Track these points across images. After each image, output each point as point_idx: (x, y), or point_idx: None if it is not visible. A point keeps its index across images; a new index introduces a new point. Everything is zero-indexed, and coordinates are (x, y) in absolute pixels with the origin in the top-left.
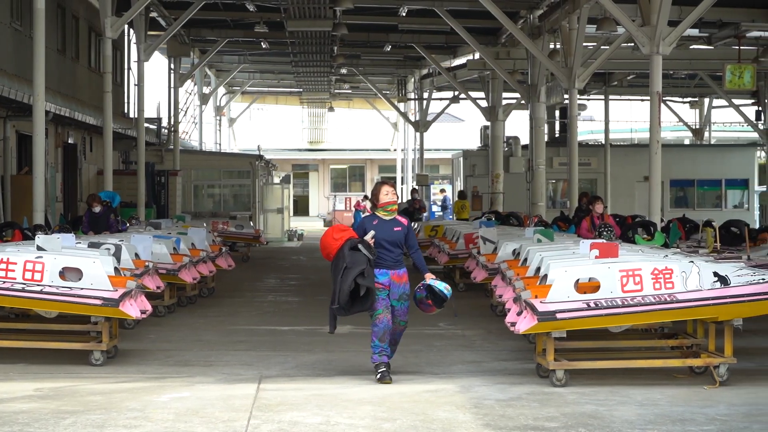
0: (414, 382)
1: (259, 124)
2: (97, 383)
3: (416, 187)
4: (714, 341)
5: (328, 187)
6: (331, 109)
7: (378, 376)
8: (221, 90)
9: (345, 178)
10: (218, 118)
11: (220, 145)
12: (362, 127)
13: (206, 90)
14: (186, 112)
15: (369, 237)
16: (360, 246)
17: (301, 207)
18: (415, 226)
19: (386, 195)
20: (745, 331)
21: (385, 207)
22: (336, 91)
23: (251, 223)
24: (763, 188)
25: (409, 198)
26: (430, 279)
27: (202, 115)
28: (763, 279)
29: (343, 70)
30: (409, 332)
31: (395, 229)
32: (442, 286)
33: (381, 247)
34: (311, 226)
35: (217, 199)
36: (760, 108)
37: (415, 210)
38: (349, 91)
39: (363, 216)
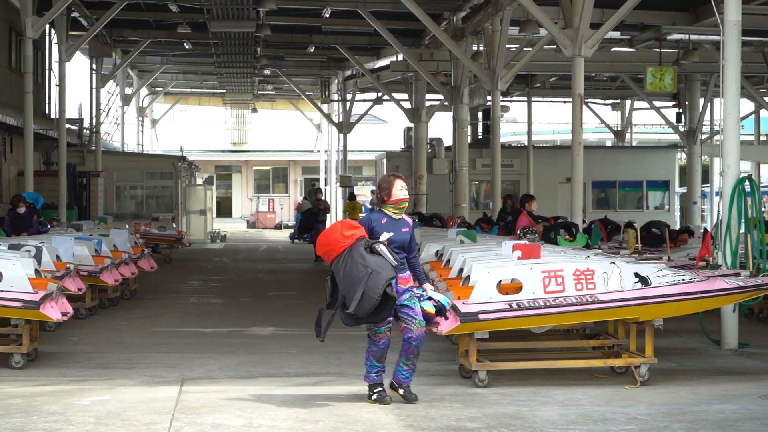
0: (336, 383)
1: (182, 125)
2: (17, 386)
3: (320, 187)
4: (635, 341)
5: (252, 188)
6: (254, 110)
7: (375, 396)
8: (144, 91)
9: (268, 179)
10: (141, 119)
11: (142, 146)
12: (286, 129)
13: (129, 91)
14: (108, 113)
15: (385, 238)
16: (381, 248)
17: (224, 208)
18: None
19: (400, 190)
20: (666, 331)
21: (398, 204)
22: (259, 92)
23: (174, 225)
24: (684, 190)
25: (313, 198)
26: (430, 291)
27: (125, 116)
28: (683, 279)
29: (267, 71)
30: (332, 334)
31: (404, 229)
32: (443, 299)
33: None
34: (234, 227)
35: (140, 200)
36: (681, 110)
37: (320, 211)
38: (273, 93)
39: (369, 212)
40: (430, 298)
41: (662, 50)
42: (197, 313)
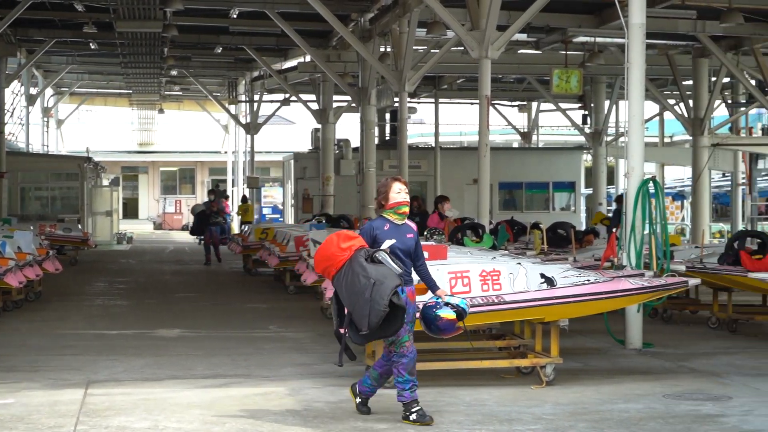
0: (243, 385)
1: (88, 125)
2: None
3: (214, 189)
4: (541, 342)
5: (158, 189)
6: (161, 110)
7: (414, 416)
8: (49, 91)
9: (175, 180)
10: (46, 119)
11: (47, 147)
12: (193, 129)
13: (33, 91)
14: (12, 113)
15: (387, 246)
16: (382, 256)
17: (131, 210)
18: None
19: (398, 193)
20: (571, 331)
21: (397, 208)
22: (166, 92)
23: (79, 226)
24: (590, 191)
25: (206, 200)
26: (445, 297)
27: (29, 117)
28: (589, 280)
29: (174, 72)
30: (239, 335)
31: (408, 236)
32: (462, 302)
33: (395, 257)
34: (141, 228)
35: (45, 201)
36: (586, 112)
37: (213, 213)
38: (180, 93)
39: (372, 220)
40: (447, 304)
41: (568, 52)
42: (103, 315)
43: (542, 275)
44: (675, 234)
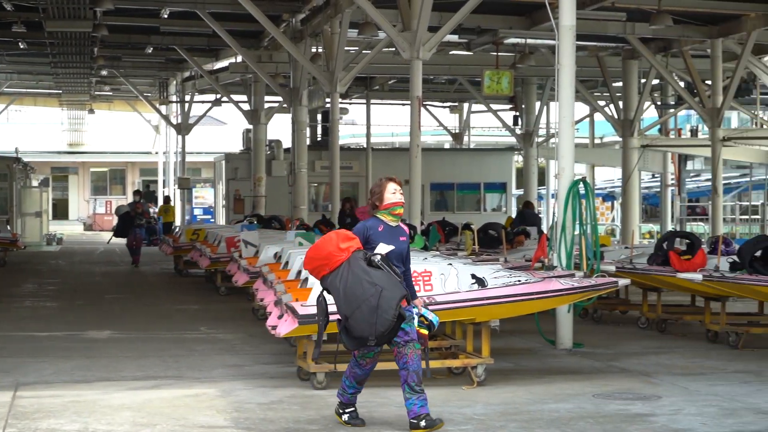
0: (174, 386)
1: (17, 125)
2: None
3: (140, 189)
4: (472, 342)
5: (89, 190)
6: (91, 111)
7: (347, 417)
8: None
9: (106, 181)
10: None
11: None
12: (123, 130)
13: None
14: None
15: (385, 250)
16: (380, 261)
17: (61, 210)
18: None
19: (394, 194)
20: (502, 332)
21: (392, 209)
22: (96, 92)
23: (8, 227)
24: (521, 192)
25: (131, 201)
26: (422, 308)
27: None
28: (519, 281)
29: (104, 72)
30: (169, 337)
31: (401, 239)
32: (434, 317)
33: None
34: (71, 229)
35: None
36: (518, 113)
37: (137, 215)
38: (110, 93)
39: (365, 220)
40: (421, 316)
41: (499, 54)
42: (32, 317)
43: (473, 276)
44: (605, 235)
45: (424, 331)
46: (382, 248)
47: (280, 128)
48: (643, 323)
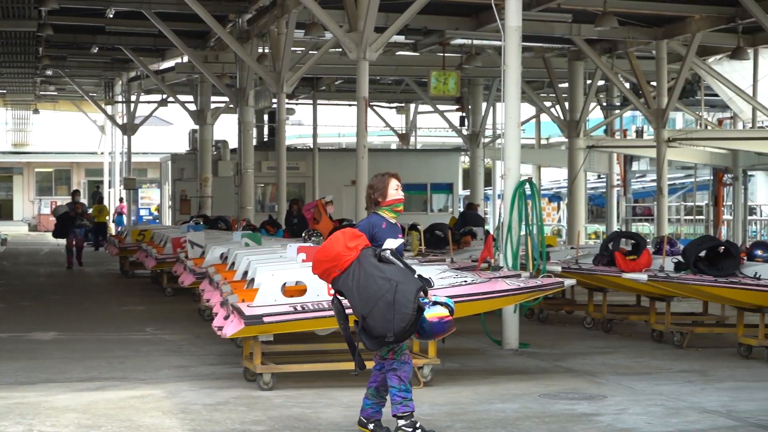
0: (120, 388)
1: None
2: None
3: (78, 190)
4: (418, 342)
5: (33, 190)
6: (36, 111)
7: (372, 426)
8: None
9: (51, 181)
10: None
11: None
12: (69, 130)
13: None
14: None
15: (394, 245)
16: (389, 256)
17: (5, 211)
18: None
19: (396, 190)
20: None
21: (395, 206)
22: (41, 92)
23: None
24: (467, 192)
25: (69, 201)
26: (432, 295)
27: None
28: (466, 281)
29: (49, 72)
30: (115, 338)
31: (399, 235)
32: (449, 299)
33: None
34: (15, 230)
35: None
36: (464, 114)
37: (77, 215)
38: (55, 93)
39: (369, 216)
40: (435, 303)
41: (446, 55)
42: None
43: (420, 276)
44: (551, 235)
45: (445, 313)
46: (391, 243)
47: (226, 129)
48: (589, 323)
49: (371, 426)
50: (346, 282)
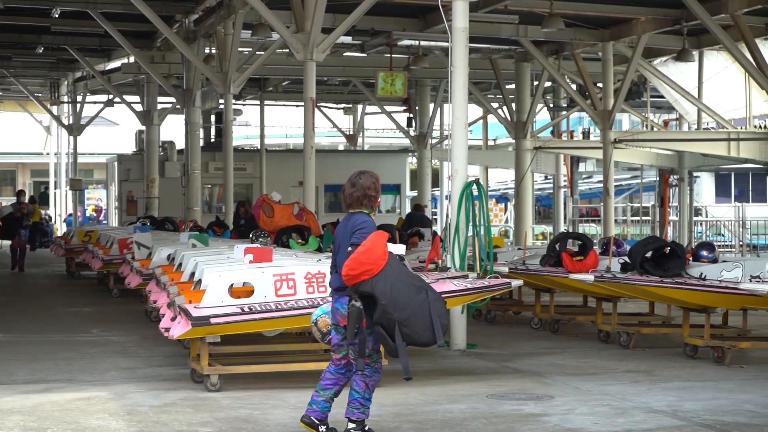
0: (66, 390)
1: None
2: None
3: (23, 189)
4: None
5: None
6: None
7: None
8: None
9: None
10: None
11: None
12: (13, 130)
13: None
14: None
15: (400, 251)
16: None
17: None
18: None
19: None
20: None
21: (376, 207)
22: None
23: None
24: (415, 193)
25: (14, 201)
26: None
27: None
28: None
29: None
30: (62, 340)
31: None
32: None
33: None
34: None
35: None
36: (411, 115)
37: (23, 216)
38: (0, 94)
39: (368, 216)
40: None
41: (393, 56)
42: None
43: None
44: (498, 236)
45: None
46: (397, 249)
47: (173, 129)
48: (536, 324)
49: (323, 428)
50: (379, 285)
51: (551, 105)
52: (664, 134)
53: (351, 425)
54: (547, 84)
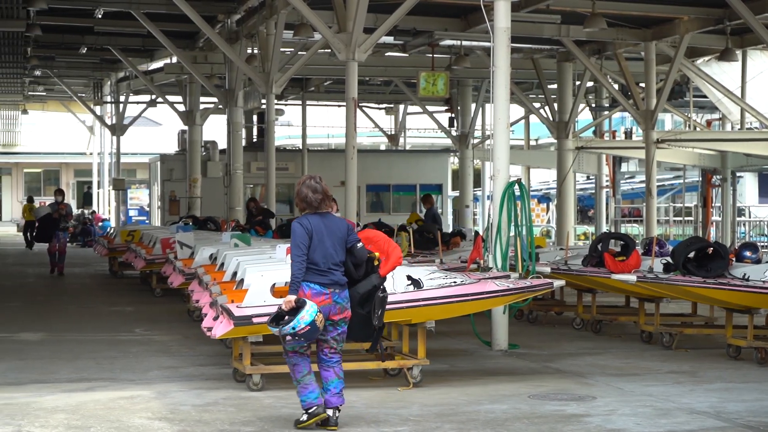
0: (109, 389)
1: None
2: None
3: (61, 188)
4: (408, 343)
5: (23, 191)
6: (24, 111)
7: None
8: None
9: (40, 182)
10: None
11: None
12: (57, 130)
13: None
14: None
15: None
16: None
17: None
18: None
19: None
20: (438, 333)
21: None
22: (30, 93)
23: None
24: (457, 193)
25: (51, 202)
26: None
27: None
28: (455, 282)
29: (38, 72)
30: (104, 339)
31: None
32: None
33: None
34: (4, 231)
35: None
36: (453, 115)
37: (61, 217)
38: (44, 94)
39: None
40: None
41: (435, 56)
42: None
43: (409, 277)
44: (540, 236)
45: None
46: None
47: (215, 129)
48: (578, 324)
49: (332, 412)
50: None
51: (593, 105)
52: (706, 134)
53: (330, 411)
54: (589, 84)
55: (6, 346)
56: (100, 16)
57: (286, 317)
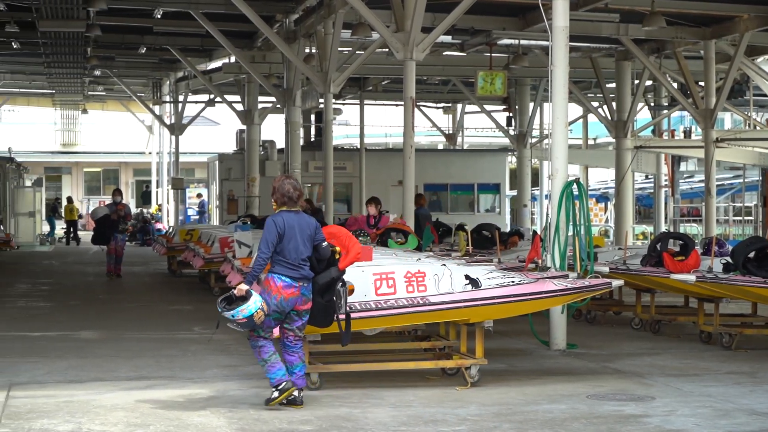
0: (168, 387)
1: (11, 125)
2: None
3: (119, 188)
4: (465, 343)
5: (82, 190)
6: (84, 111)
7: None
8: None
9: (99, 181)
10: None
11: None
12: (117, 130)
13: None
14: None
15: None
16: None
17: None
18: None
19: None
20: (496, 332)
21: None
22: (90, 92)
23: (1, 227)
24: (514, 193)
25: (109, 202)
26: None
27: None
28: (513, 281)
29: (97, 72)
30: (163, 337)
31: None
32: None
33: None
34: (64, 230)
35: None
36: (511, 114)
37: (120, 218)
38: (103, 93)
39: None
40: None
41: (492, 55)
42: (25, 317)
43: (467, 277)
44: (599, 236)
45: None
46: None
47: (273, 129)
48: (637, 324)
49: (297, 392)
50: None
51: (652, 104)
52: (766, 133)
53: (296, 392)
54: (648, 83)
55: (66, 345)
56: (159, 16)
57: (234, 303)
